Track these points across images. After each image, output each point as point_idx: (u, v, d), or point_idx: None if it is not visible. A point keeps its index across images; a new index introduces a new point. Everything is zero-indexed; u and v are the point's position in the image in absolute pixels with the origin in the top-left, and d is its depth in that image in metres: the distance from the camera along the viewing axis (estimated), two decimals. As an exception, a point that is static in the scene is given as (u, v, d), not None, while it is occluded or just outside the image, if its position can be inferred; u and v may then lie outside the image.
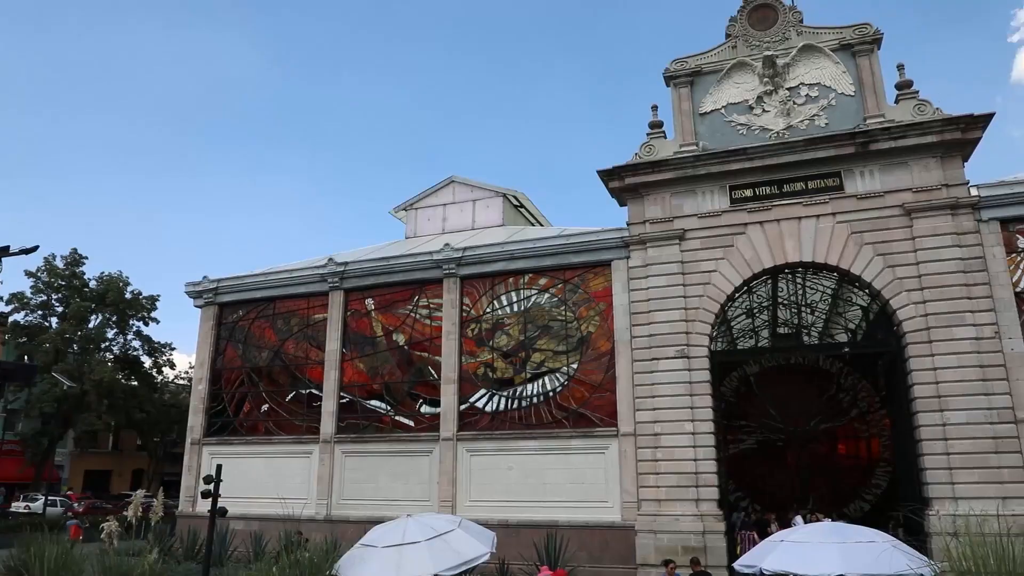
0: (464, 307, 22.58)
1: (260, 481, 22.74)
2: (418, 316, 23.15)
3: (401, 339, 23.21)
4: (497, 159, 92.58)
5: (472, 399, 21.79)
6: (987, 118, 18.37)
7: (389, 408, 22.90)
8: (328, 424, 22.91)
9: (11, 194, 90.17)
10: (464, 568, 10.58)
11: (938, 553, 13.09)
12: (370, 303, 23.95)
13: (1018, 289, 17.79)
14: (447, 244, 22.90)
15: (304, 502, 21.40)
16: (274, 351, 24.78)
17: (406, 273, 23.35)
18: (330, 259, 24.24)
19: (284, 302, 25.12)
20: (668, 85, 21.72)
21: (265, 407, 24.44)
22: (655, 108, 21.90)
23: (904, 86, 19.73)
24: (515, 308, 22.15)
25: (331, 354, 23.56)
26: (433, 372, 22.45)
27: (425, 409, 22.48)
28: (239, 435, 24.36)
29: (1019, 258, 18.04)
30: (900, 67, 20.06)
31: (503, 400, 21.46)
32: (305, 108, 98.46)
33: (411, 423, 22.50)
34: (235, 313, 25.81)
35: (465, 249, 22.57)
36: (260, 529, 20.33)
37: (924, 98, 19.17)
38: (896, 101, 19.65)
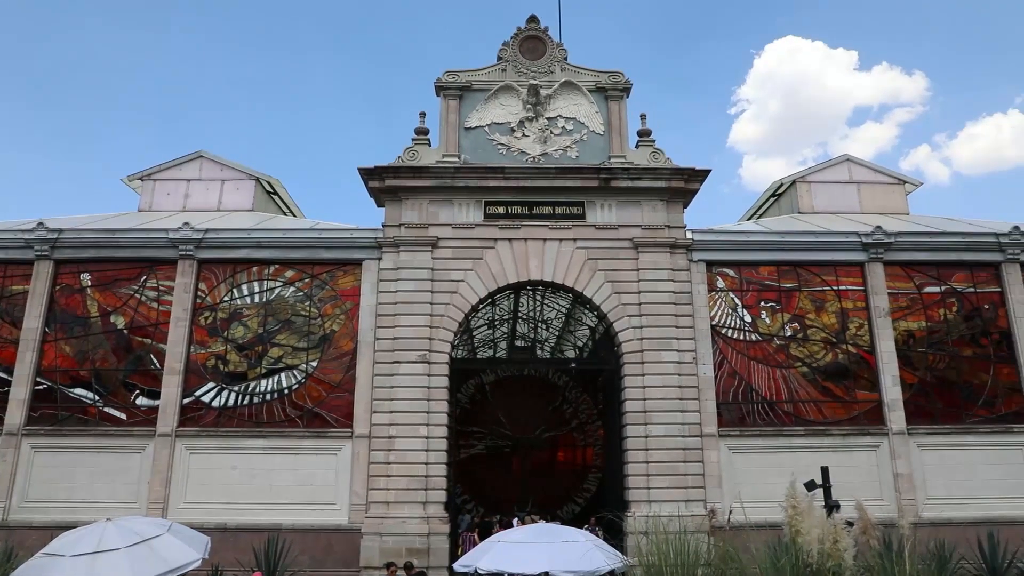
0: (199, 293, 20.88)
1: (-85, 478, 18.94)
2: (144, 298, 20.94)
3: (121, 322, 20.80)
4: (254, 142, 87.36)
5: (198, 392, 20.15)
6: (705, 173, 21.22)
7: (98, 398, 20.35)
8: (16, 414, 19.74)
9: None
10: (169, 576, 9.69)
11: (632, 550, 14.70)
12: (86, 278, 21.16)
13: (714, 323, 20.73)
14: (187, 223, 21.04)
15: (-27, 504, 18.25)
16: (-48, 324, 20.85)
17: (135, 249, 21.03)
18: (40, 223, 21.05)
19: (-28, 268, 21.25)
20: (438, 95, 22.13)
21: (-68, 390, 20.43)
22: (423, 115, 22.17)
23: (644, 134, 22.10)
24: (256, 299, 20.96)
25: (28, 332, 20.39)
26: (156, 361, 20.40)
27: (142, 401, 20.30)
28: None
29: (717, 296, 21.03)
30: (643, 116, 22.46)
31: (233, 395, 20.15)
32: (24, 51, 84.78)
33: (123, 416, 20.17)
34: (-99, 274, 21.32)
35: (207, 231, 20.92)
36: (-92, 535, 16.90)
37: (659, 147, 21.64)
38: (636, 146, 21.92)
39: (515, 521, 19.83)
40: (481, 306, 21.55)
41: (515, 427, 28.45)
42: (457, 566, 12.10)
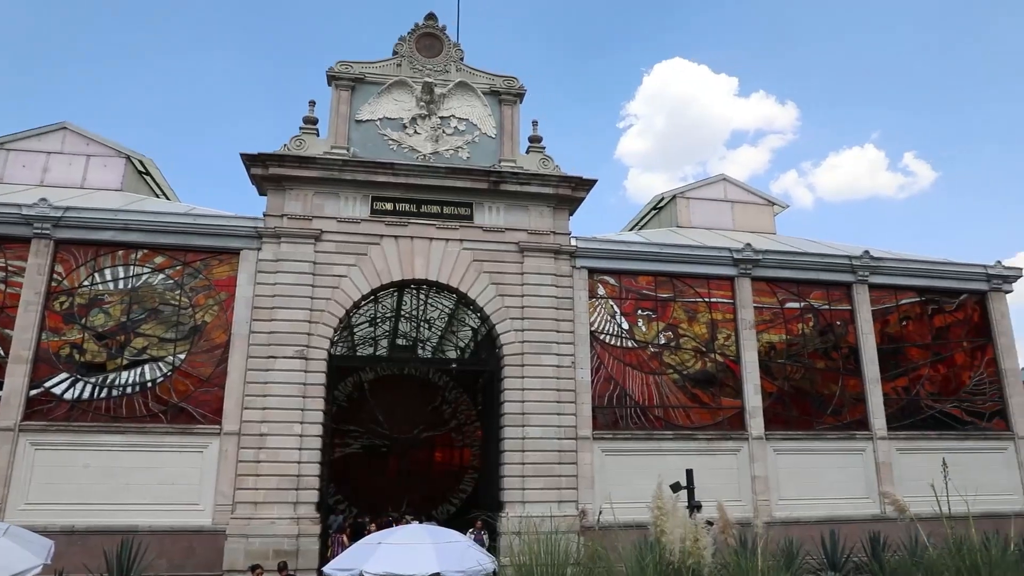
0: (55, 276, 19.28)
1: None
2: (-11, 278, 19.10)
3: (-40, 304, 18.87)
4: (130, 120, 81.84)
5: (48, 384, 18.55)
6: (592, 182, 21.79)
7: (-73, 387, 18.34)
8: None
9: None
10: (4, 582, 8.89)
11: (505, 550, 14.84)
12: (-80, 254, 19.07)
13: (593, 328, 21.30)
14: (44, 199, 19.38)
15: None
16: None
17: (-20, 225, 19.16)
18: None
19: None
20: (330, 85, 21.55)
21: None
22: (312, 104, 21.54)
23: (535, 140, 22.44)
24: (120, 285, 19.60)
25: None
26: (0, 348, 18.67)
27: (-20, 392, 18.48)
28: None
29: (597, 303, 21.64)
30: (535, 123, 22.81)
31: (89, 387, 18.71)
32: None
33: (-42, 407, 18.29)
34: None
35: (67, 209, 19.36)
36: None
37: (549, 154, 22.03)
38: (527, 151, 22.22)
39: (389, 522, 19.54)
40: (363, 303, 21.15)
41: (393, 426, 28.11)
42: (328, 569, 11.74)
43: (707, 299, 22.46)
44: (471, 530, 18.38)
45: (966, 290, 24.37)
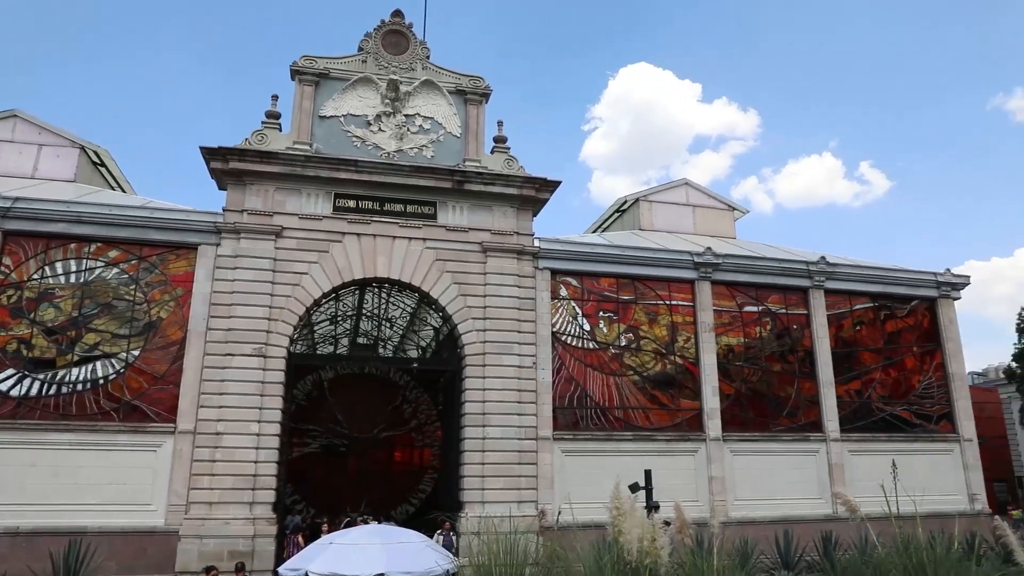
0: (3, 268, 18.68)
1: None
2: (-68, 270, 18.42)
3: (-100, 296, 18.18)
4: (89, 111, 79.71)
5: (-6, 380, 17.96)
6: (556, 184, 21.88)
7: None
8: None
9: None
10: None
11: (465, 550, 14.81)
12: None
13: (555, 329, 21.39)
14: (-8, 189, 18.79)
15: None
16: None
17: (-76, 214, 18.46)
18: None
19: None
20: (294, 79, 21.28)
21: None
22: (275, 98, 21.23)
23: (500, 140, 22.45)
24: (72, 279, 19.06)
25: None
26: (-58, 342, 18.00)
27: (-79, 388, 17.82)
28: None
29: (559, 304, 21.73)
30: (500, 123, 22.83)
31: (38, 384, 18.15)
32: None
33: None
34: None
35: (16, 199, 18.77)
36: None
37: (514, 155, 22.05)
38: (492, 152, 22.22)
39: (349, 523, 19.35)
40: (324, 301, 20.92)
41: (353, 426, 27.85)
42: (282, 570, 11.63)
43: (668, 302, 22.71)
44: (440, 531, 18.23)
45: (917, 296, 25.07)
